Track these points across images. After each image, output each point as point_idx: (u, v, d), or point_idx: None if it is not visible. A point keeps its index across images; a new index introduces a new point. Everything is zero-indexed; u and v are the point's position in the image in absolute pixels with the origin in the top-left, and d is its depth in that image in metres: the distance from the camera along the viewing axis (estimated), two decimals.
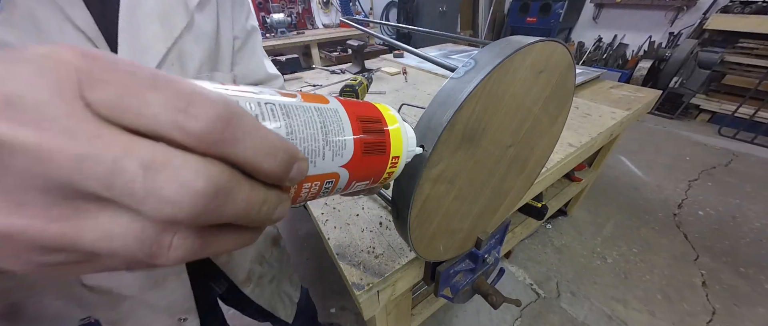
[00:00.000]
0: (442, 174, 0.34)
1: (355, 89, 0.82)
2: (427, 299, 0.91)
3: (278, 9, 3.54)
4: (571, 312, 1.29)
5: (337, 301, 1.38)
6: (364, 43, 1.55)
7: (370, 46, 3.42)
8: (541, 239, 1.65)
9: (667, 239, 1.60)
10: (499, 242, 0.62)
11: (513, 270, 1.49)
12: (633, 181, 2.06)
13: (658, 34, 3.17)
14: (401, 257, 0.52)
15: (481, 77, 0.29)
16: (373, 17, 4.24)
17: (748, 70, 2.51)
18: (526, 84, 0.35)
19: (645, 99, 1.12)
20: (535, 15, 3.59)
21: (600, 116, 0.98)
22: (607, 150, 1.40)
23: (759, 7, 2.45)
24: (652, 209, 1.81)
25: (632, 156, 2.33)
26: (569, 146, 0.81)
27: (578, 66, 1.38)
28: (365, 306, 0.50)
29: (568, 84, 0.43)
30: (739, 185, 1.98)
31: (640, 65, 2.90)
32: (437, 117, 0.29)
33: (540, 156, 0.50)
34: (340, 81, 1.45)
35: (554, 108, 0.43)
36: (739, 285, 1.36)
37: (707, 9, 2.81)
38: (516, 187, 0.50)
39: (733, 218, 1.71)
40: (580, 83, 1.25)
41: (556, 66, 0.38)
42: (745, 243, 1.56)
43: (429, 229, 0.39)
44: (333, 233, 0.58)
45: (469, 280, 0.60)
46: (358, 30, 0.68)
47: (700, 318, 1.24)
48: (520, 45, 0.31)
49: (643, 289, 1.36)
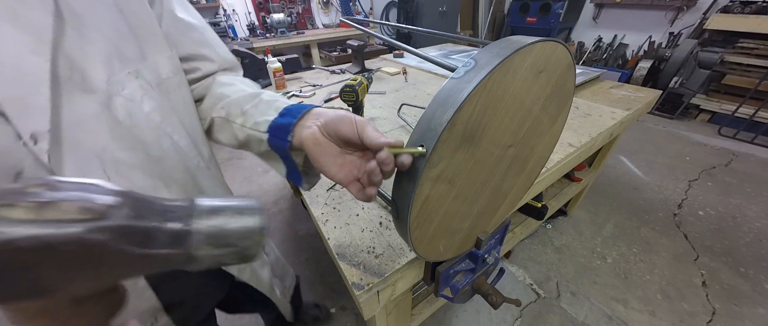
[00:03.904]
0: (442, 174, 0.34)
1: (355, 89, 0.82)
2: (427, 299, 0.91)
3: (278, 9, 3.55)
4: (571, 312, 1.29)
5: (337, 301, 1.38)
6: (364, 43, 1.55)
7: (370, 46, 3.43)
8: (541, 239, 1.65)
9: (667, 239, 1.60)
10: (499, 242, 0.63)
11: (513, 270, 1.49)
12: (633, 181, 2.06)
13: (658, 34, 3.17)
14: (401, 257, 0.52)
15: (481, 77, 0.29)
16: (373, 17, 4.25)
17: (748, 70, 2.51)
18: (526, 84, 0.35)
19: (645, 99, 1.12)
20: (535, 15, 3.59)
21: (600, 116, 0.99)
22: (607, 150, 1.40)
23: (759, 7, 2.45)
24: (652, 209, 1.81)
25: (632, 156, 2.33)
26: (569, 146, 0.81)
27: (578, 66, 1.38)
28: (365, 306, 0.50)
29: (568, 84, 0.43)
30: (739, 185, 1.98)
31: (640, 65, 2.90)
32: (437, 117, 0.29)
33: (540, 156, 0.50)
34: (340, 81, 1.45)
35: (554, 108, 0.43)
36: (739, 285, 1.36)
37: (707, 9, 2.81)
38: (516, 187, 0.50)
39: (733, 218, 1.71)
40: (580, 83, 1.25)
41: (556, 66, 0.38)
42: (745, 243, 1.56)
43: (429, 229, 0.39)
44: (333, 233, 0.58)
45: (469, 280, 0.60)
46: (358, 30, 0.68)
47: (700, 318, 1.24)
48: (520, 45, 0.31)
49: (643, 289, 1.36)
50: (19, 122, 0.27)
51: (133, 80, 0.37)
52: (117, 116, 0.35)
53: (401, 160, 0.30)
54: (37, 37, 0.28)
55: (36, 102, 0.27)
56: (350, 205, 0.65)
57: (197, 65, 0.50)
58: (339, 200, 0.67)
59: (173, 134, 0.43)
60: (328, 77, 1.52)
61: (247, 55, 1.40)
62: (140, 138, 0.37)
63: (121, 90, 0.35)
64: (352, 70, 1.56)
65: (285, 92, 1.30)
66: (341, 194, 0.68)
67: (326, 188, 0.71)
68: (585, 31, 3.76)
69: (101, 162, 0.33)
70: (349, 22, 0.86)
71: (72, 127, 0.30)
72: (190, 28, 0.47)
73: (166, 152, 0.42)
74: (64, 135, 0.30)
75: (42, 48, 0.28)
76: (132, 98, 0.37)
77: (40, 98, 0.28)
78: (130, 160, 0.36)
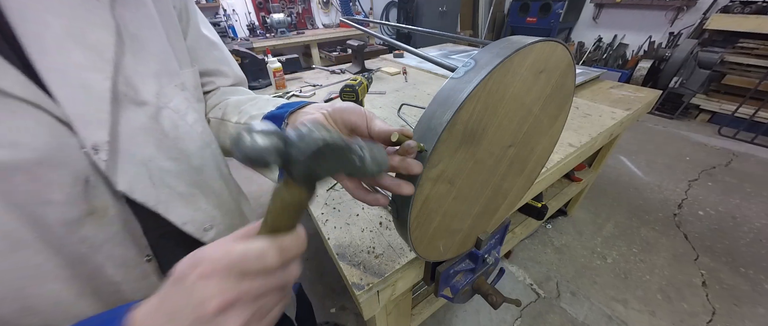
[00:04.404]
0: (442, 174, 0.34)
1: (355, 89, 0.82)
2: (427, 299, 0.91)
3: (278, 9, 3.55)
4: (571, 312, 1.29)
5: (337, 301, 1.38)
6: (364, 43, 1.55)
7: (370, 46, 3.43)
8: (541, 239, 1.65)
9: (667, 239, 1.60)
10: (499, 242, 0.63)
11: (513, 270, 1.49)
12: (633, 181, 2.06)
13: (658, 34, 3.17)
14: (401, 257, 0.52)
15: (481, 77, 0.29)
16: (373, 17, 4.25)
17: (748, 70, 2.51)
18: (526, 84, 0.35)
19: (645, 99, 1.12)
20: (535, 15, 3.59)
21: (600, 116, 0.99)
22: (607, 150, 1.40)
23: (759, 7, 2.45)
24: (652, 209, 1.81)
25: (632, 156, 2.33)
26: (569, 146, 0.81)
27: (578, 66, 1.38)
28: (365, 306, 0.50)
29: (568, 84, 0.43)
30: (739, 185, 1.98)
31: (640, 65, 2.90)
32: (437, 117, 0.29)
33: (540, 156, 0.50)
34: (340, 81, 1.45)
35: (554, 108, 0.43)
36: (739, 284, 1.36)
37: (707, 9, 2.81)
38: (516, 187, 0.50)
39: (733, 218, 1.71)
40: (580, 83, 1.25)
41: (556, 66, 0.38)
42: (744, 243, 1.56)
43: (429, 229, 0.39)
44: (333, 233, 0.58)
45: (469, 280, 0.60)
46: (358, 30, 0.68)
47: (700, 318, 1.24)
48: (520, 45, 0.31)
49: (643, 289, 1.36)
50: (83, 134, 0.29)
51: (179, 93, 0.40)
52: (163, 128, 0.37)
53: (408, 144, 0.30)
54: (100, 56, 0.30)
55: (98, 116, 0.30)
56: (350, 205, 0.65)
57: (213, 80, 0.53)
58: (339, 200, 0.67)
59: (211, 144, 0.46)
60: (328, 77, 1.52)
61: (247, 55, 1.39)
62: (183, 149, 0.40)
63: (168, 103, 0.38)
64: (352, 70, 1.56)
65: (285, 92, 1.30)
66: (341, 194, 0.69)
67: (326, 189, 0.71)
68: (585, 31, 3.76)
69: (148, 170, 0.35)
70: (349, 22, 0.86)
71: (126, 138, 0.33)
72: (211, 46, 0.50)
73: (206, 161, 0.44)
74: (120, 146, 0.32)
75: (104, 66, 0.30)
76: (178, 109, 0.39)
77: (102, 113, 0.30)
78: (173, 169, 0.38)
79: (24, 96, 0.26)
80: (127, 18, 0.33)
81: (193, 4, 0.47)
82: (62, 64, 0.28)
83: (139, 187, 0.34)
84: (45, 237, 0.28)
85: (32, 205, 0.27)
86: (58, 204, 0.29)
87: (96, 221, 0.32)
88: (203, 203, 0.43)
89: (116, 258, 0.34)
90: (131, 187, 0.33)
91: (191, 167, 0.41)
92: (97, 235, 0.32)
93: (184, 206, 0.39)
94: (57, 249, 0.29)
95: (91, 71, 0.30)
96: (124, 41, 0.32)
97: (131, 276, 0.36)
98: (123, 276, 0.35)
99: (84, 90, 0.29)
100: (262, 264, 0.22)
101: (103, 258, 0.33)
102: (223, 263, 0.21)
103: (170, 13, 0.41)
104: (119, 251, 0.34)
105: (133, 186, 0.33)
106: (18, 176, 0.26)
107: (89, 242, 0.31)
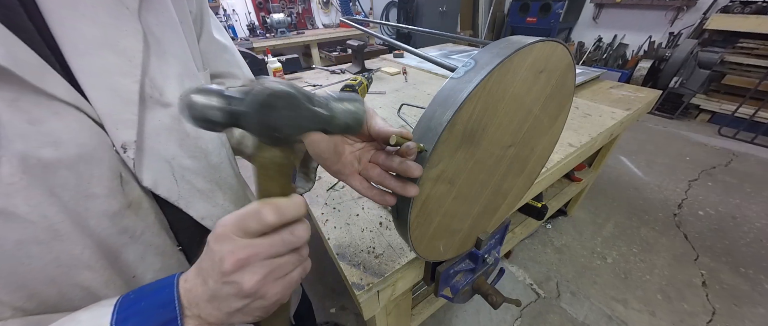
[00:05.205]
0: (442, 174, 0.34)
1: (355, 89, 0.82)
2: (427, 299, 0.91)
3: (278, 9, 3.54)
4: (571, 312, 1.29)
5: (337, 301, 1.38)
6: (364, 43, 1.55)
7: (370, 46, 3.42)
8: (541, 239, 1.65)
9: (667, 239, 1.60)
10: (499, 242, 0.63)
11: (513, 270, 1.49)
12: (633, 181, 2.06)
13: (658, 34, 3.17)
14: (401, 257, 0.52)
15: (481, 77, 0.29)
16: (373, 17, 4.25)
17: (748, 70, 2.51)
18: (526, 84, 0.35)
19: (645, 99, 1.12)
20: (535, 15, 3.59)
21: (600, 116, 0.99)
22: (607, 150, 1.40)
23: (759, 7, 2.45)
24: (652, 209, 1.81)
25: (632, 156, 2.33)
26: (569, 146, 0.81)
27: (578, 66, 1.38)
28: (365, 306, 0.50)
29: (568, 84, 0.43)
30: (739, 185, 1.98)
31: (640, 65, 2.90)
32: (437, 117, 0.29)
33: (540, 156, 0.50)
34: (340, 81, 1.45)
35: (554, 108, 0.43)
36: (739, 284, 1.36)
37: (707, 9, 2.81)
38: (516, 187, 0.50)
39: (733, 218, 1.71)
40: (580, 83, 1.25)
41: (556, 66, 0.38)
42: (744, 243, 1.56)
43: (429, 229, 0.39)
44: (333, 233, 0.59)
45: (469, 280, 0.60)
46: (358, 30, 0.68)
47: (700, 318, 1.24)
48: (520, 45, 0.31)
49: (643, 289, 1.36)
50: (113, 134, 0.32)
51: None
52: (185, 127, 0.39)
53: (407, 146, 0.30)
54: (130, 62, 0.32)
55: (127, 117, 0.32)
56: (350, 205, 0.65)
57: (224, 81, 0.55)
58: (339, 200, 0.67)
59: (226, 143, 0.48)
60: (328, 77, 1.52)
61: (247, 55, 1.40)
62: (203, 147, 0.42)
63: None
64: (352, 70, 1.56)
65: None
66: (341, 194, 0.69)
67: (326, 188, 0.71)
68: (585, 31, 3.76)
69: (171, 168, 0.38)
70: (349, 22, 0.86)
71: (151, 138, 0.35)
72: (223, 49, 0.52)
73: (223, 159, 0.46)
74: (145, 145, 0.35)
75: (133, 71, 0.32)
76: None
77: (130, 114, 0.32)
78: (193, 167, 0.40)
79: (67, 99, 0.28)
80: (152, 22, 0.35)
81: (208, 9, 0.49)
82: (96, 68, 0.30)
83: (163, 183, 0.36)
84: (85, 229, 0.31)
85: (76, 199, 0.29)
86: (101, 197, 0.31)
87: (134, 212, 0.34)
88: (220, 199, 0.45)
89: (156, 247, 0.38)
90: (155, 183, 0.35)
91: (210, 165, 0.43)
92: (137, 225, 0.35)
93: (203, 201, 0.42)
94: (95, 239, 0.32)
95: (122, 75, 0.32)
96: (149, 46, 0.34)
97: (169, 264, 0.40)
98: (161, 263, 0.39)
99: (115, 93, 0.31)
100: (259, 220, 0.25)
101: (144, 247, 0.36)
102: (229, 225, 0.25)
103: (187, 17, 0.43)
104: (158, 240, 0.38)
105: (158, 182, 0.36)
106: (62, 172, 0.28)
107: (131, 231, 0.35)
